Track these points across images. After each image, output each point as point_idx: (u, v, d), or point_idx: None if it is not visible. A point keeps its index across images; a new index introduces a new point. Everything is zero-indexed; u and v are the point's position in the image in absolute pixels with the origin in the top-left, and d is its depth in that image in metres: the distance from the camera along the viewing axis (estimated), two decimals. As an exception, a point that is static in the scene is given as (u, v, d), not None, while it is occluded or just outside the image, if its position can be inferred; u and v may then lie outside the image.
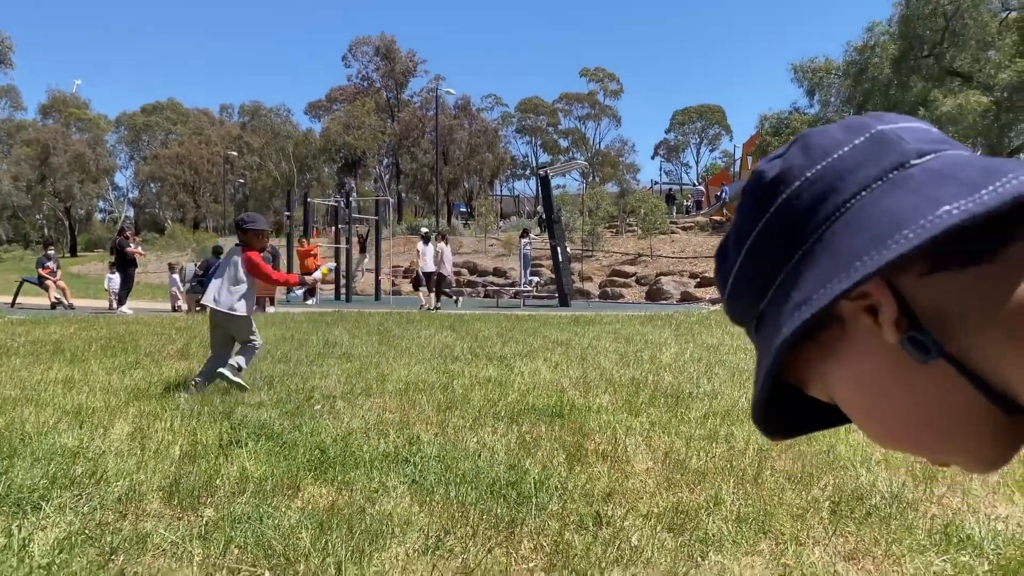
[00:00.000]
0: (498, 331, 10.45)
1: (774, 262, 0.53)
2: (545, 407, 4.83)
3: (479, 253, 29.73)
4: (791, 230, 0.52)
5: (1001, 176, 0.45)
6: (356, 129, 60.48)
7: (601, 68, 74.45)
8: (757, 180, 0.55)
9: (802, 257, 0.51)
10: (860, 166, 0.51)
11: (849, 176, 0.51)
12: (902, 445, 0.54)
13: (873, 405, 0.52)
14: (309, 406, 5.00)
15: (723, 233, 1.49)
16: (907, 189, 0.48)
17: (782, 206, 0.53)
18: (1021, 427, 0.51)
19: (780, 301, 0.52)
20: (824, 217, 0.51)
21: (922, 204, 0.46)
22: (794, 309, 0.49)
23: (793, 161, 0.53)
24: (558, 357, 7.61)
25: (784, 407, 0.62)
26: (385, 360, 7.30)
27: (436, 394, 5.36)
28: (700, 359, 7.36)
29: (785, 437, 0.63)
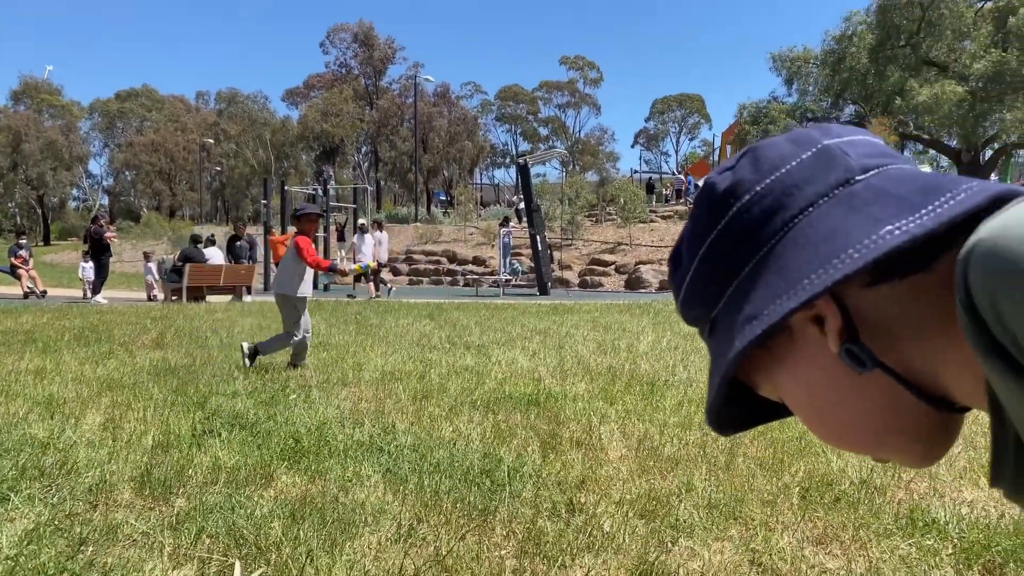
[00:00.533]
0: (476, 320, 10.45)
1: (726, 271, 0.55)
2: (522, 396, 4.84)
3: (459, 242, 29.68)
4: (742, 242, 0.54)
5: (940, 195, 0.47)
6: (334, 116, 60.05)
7: (581, 56, 74.42)
8: (709, 191, 0.56)
9: (753, 269, 0.53)
10: (807, 182, 0.52)
11: (796, 192, 0.52)
12: (846, 445, 0.58)
13: (819, 409, 0.56)
14: (284, 396, 4.98)
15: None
16: (851, 207, 0.50)
17: (733, 218, 0.54)
18: (955, 422, 0.55)
19: (732, 310, 0.54)
20: (773, 231, 0.52)
21: (866, 224, 0.48)
22: (745, 322, 0.52)
23: (743, 175, 0.55)
24: (536, 346, 7.62)
25: (734, 403, 0.64)
26: (362, 349, 7.29)
27: (412, 383, 5.36)
28: (676, 347, 7.40)
29: (736, 431, 0.66)
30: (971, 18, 25.14)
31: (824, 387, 0.54)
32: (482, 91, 75.02)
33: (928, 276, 0.48)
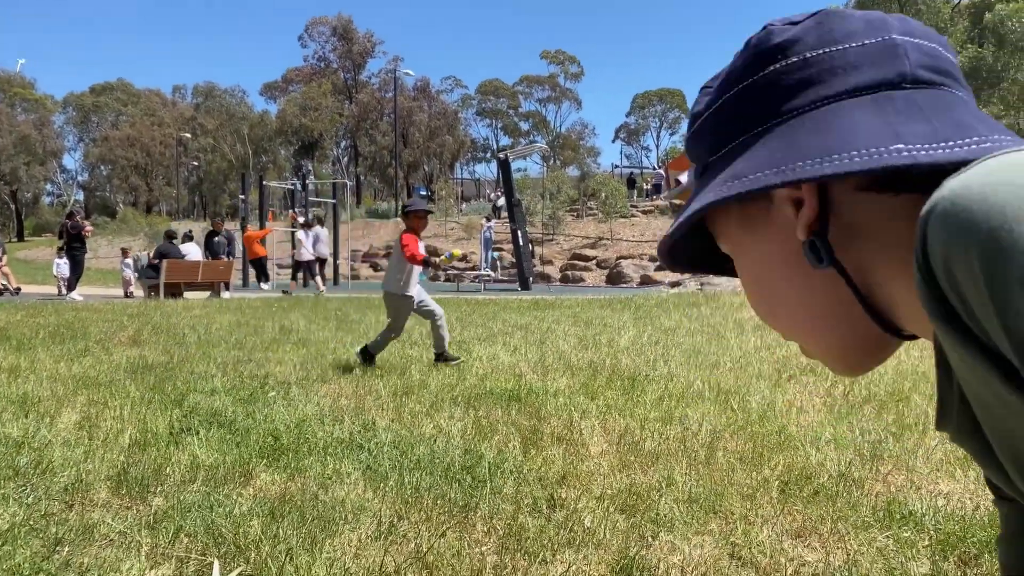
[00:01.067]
0: (458, 315, 10.43)
1: (742, 123, 0.55)
2: (503, 391, 4.84)
3: (440, 237, 29.62)
4: (768, 101, 0.54)
5: (968, 135, 0.47)
6: (313, 111, 59.69)
7: (562, 51, 74.41)
8: (764, 39, 0.56)
9: (765, 131, 0.53)
10: (857, 69, 0.52)
11: (843, 74, 0.52)
12: (778, 325, 0.60)
13: (768, 282, 0.58)
14: (263, 393, 4.94)
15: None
16: (881, 112, 0.49)
17: (771, 75, 0.54)
18: (889, 345, 0.56)
19: (726, 161, 0.55)
20: (801, 104, 0.52)
21: (884, 133, 0.48)
22: (732, 177, 0.52)
23: (802, 35, 0.54)
24: (517, 341, 7.62)
25: (693, 241, 0.66)
26: (342, 346, 7.25)
27: (393, 380, 5.34)
28: (657, 342, 7.42)
29: (678, 267, 0.68)
30: (948, 14, 25.40)
31: (780, 265, 0.56)
32: (463, 85, 74.75)
33: (909, 198, 0.48)
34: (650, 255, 23.34)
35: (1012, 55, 22.38)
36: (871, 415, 4.10)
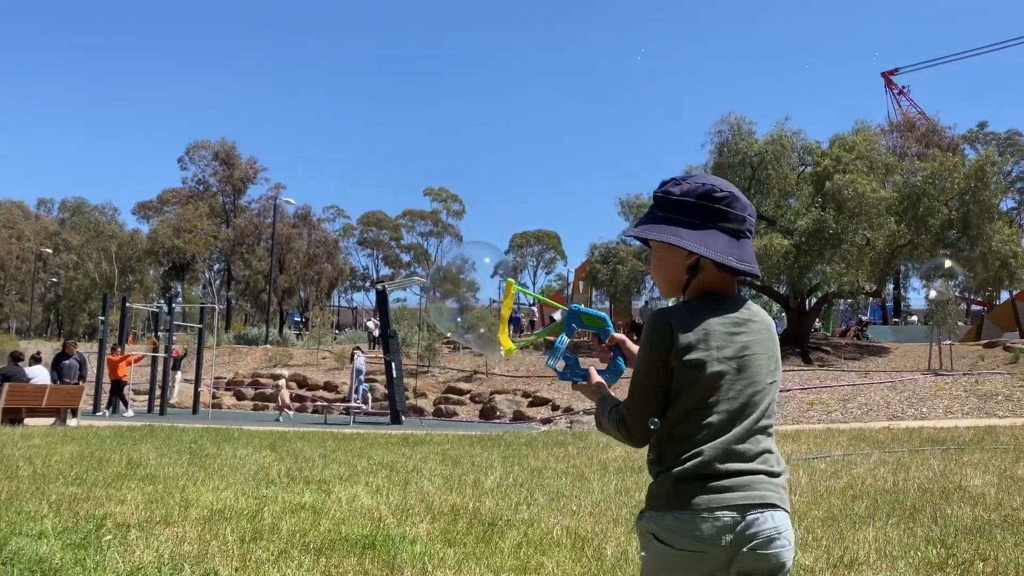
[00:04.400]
0: (322, 451, 10.10)
1: (690, 214, 1.75)
2: (358, 537, 4.68)
3: (310, 366, 28.90)
4: (706, 214, 1.75)
5: (752, 263, 1.79)
6: (187, 232, 58.35)
7: (444, 188, 76.65)
8: (715, 188, 1.77)
9: (700, 224, 1.75)
10: (740, 222, 1.77)
11: (734, 221, 1.77)
12: (661, 285, 1.89)
13: (663, 269, 1.84)
14: (98, 536, 4.59)
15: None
16: (733, 243, 1.76)
17: (713, 206, 1.76)
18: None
19: (674, 224, 1.76)
20: (713, 222, 1.75)
21: (731, 251, 1.74)
22: (678, 235, 1.74)
23: (732, 195, 1.78)
24: (381, 481, 7.44)
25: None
26: (193, 483, 6.86)
27: (242, 523, 5.08)
28: (523, 484, 7.41)
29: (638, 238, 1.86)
30: (794, 180, 27.97)
31: (671, 266, 1.80)
32: (345, 215, 75.29)
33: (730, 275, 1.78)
34: (523, 391, 23.54)
35: (850, 219, 24.75)
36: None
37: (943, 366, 22.18)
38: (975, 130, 58.28)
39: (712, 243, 1.71)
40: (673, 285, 1.82)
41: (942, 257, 25.63)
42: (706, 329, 1.69)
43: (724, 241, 1.73)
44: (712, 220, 1.73)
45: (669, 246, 1.76)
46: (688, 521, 1.62)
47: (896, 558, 4.34)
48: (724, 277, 1.76)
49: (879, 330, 39.58)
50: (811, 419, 15.52)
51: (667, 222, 1.76)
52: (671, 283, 1.82)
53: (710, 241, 1.71)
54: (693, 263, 1.75)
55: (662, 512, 1.67)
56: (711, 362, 1.67)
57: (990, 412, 14.80)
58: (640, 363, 1.73)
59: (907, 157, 35.59)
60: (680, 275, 1.78)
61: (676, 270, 1.78)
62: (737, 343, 1.71)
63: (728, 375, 1.68)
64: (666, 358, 1.67)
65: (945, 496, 6.39)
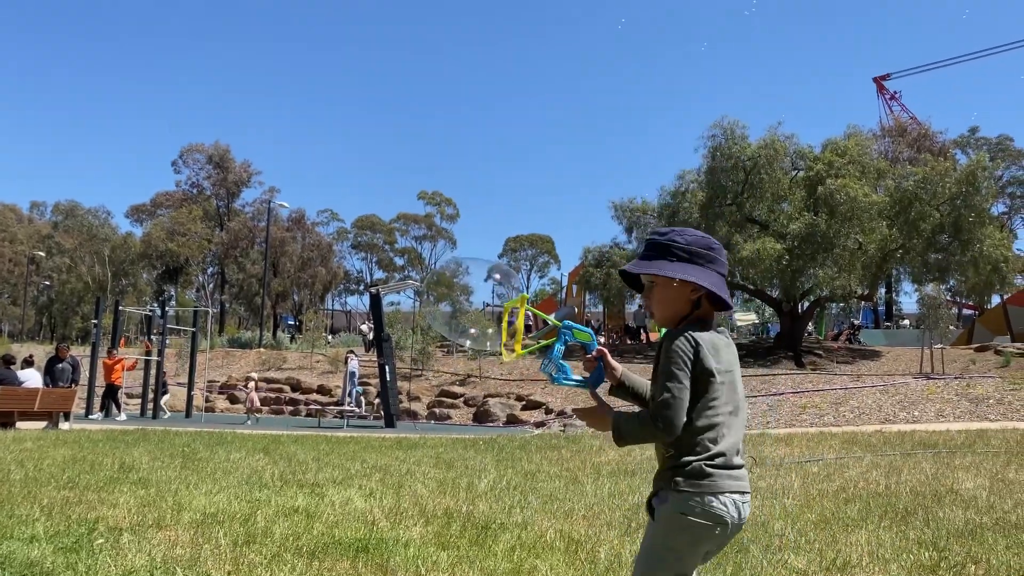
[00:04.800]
0: (315, 455, 10.09)
1: (695, 255, 2.23)
2: (351, 541, 4.68)
3: (304, 369, 28.84)
4: (705, 256, 2.25)
5: (728, 296, 2.26)
6: (181, 236, 58.19)
7: (439, 192, 76.70)
8: (711, 242, 2.29)
9: (703, 264, 2.24)
10: (723, 266, 2.28)
11: (720, 266, 2.28)
12: (657, 316, 2.29)
13: (664, 303, 2.27)
14: (90, 540, 4.58)
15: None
16: (720, 282, 2.24)
17: (711, 252, 2.26)
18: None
19: (678, 261, 2.22)
20: (710, 263, 2.25)
21: (722, 288, 2.22)
22: (686, 272, 2.20)
23: (720, 249, 2.29)
24: (374, 484, 7.43)
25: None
26: (185, 487, 6.84)
27: (235, 526, 5.07)
28: (516, 487, 7.41)
29: (627, 281, 2.38)
30: (787, 184, 28.05)
31: (674, 301, 2.23)
32: (339, 219, 75.23)
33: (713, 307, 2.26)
34: (516, 394, 23.54)
35: (842, 224, 24.84)
36: (711, 567, 4.22)
37: (935, 370, 22.26)
38: (966, 135, 58.57)
39: (714, 283, 2.21)
40: (675, 316, 2.25)
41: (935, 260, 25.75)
42: (715, 346, 2.15)
43: (719, 280, 2.23)
44: (710, 263, 2.24)
45: (677, 282, 2.21)
46: (717, 502, 2.09)
47: (888, 561, 4.36)
48: (712, 309, 2.26)
49: (871, 334, 39.73)
50: (804, 422, 15.56)
51: (672, 262, 2.24)
52: (674, 313, 2.25)
53: (713, 281, 2.21)
54: (697, 298, 2.22)
55: (690, 493, 2.10)
56: (721, 373, 2.13)
57: (981, 415, 14.86)
58: (672, 370, 2.10)
59: (899, 162, 35.73)
60: (685, 307, 2.23)
61: (683, 303, 2.23)
62: (731, 358, 2.20)
63: (729, 384, 2.16)
64: (691, 367, 2.10)
65: (937, 499, 6.42)
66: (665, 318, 2.27)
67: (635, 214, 30.60)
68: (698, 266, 2.21)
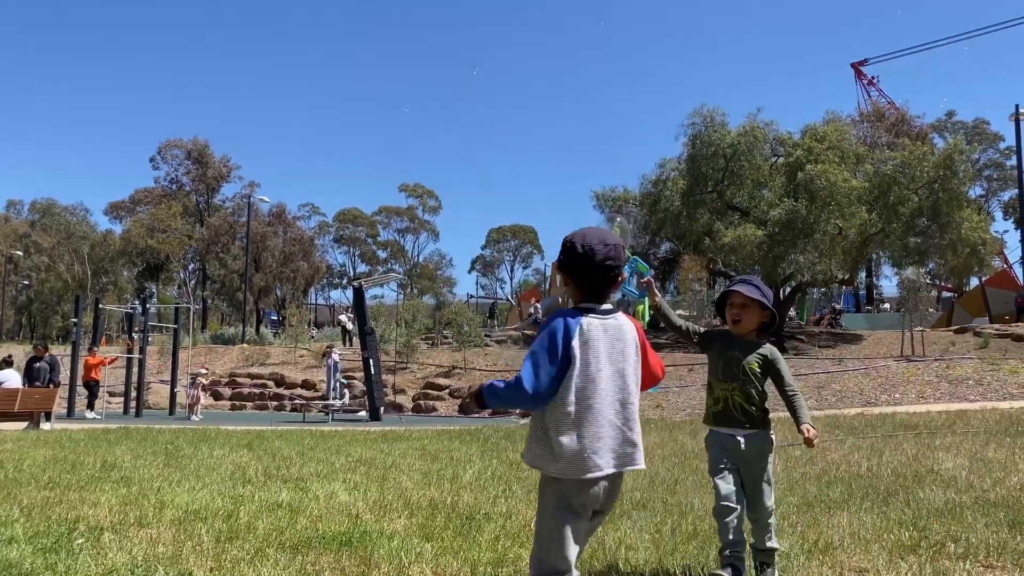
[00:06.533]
0: (299, 450, 10.05)
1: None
2: (335, 535, 4.66)
3: (288, 364, 28.72)
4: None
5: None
6: (161, 232, 57.69)
7: (420, 184, 76.43)
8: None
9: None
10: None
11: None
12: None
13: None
14: (70, 540, 4.53)
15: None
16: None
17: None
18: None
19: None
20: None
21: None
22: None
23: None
24: (359, 477, 7.41)
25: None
26: (168, 484, 6.80)
27: (218, 523, 5.03)
28: (501, 477, 7.42)
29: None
30: (767, 170, 28.17)
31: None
32: (320, 212, 74.82)
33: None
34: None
35: (822, 209, 24.98)
36: (695, 552, 4.25)
37: (915, 352, 22.49)
38: (943, 119, 59.15)
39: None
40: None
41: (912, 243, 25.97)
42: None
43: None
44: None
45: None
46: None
47: (870, 541, 4.40)
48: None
49: (852, 318, 40.05)
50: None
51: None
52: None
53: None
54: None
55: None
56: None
57: (961, 396, 15.03)
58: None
59: (877, 147, 35.97)
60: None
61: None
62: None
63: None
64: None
65: (918, 480, 6.49)
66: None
67: (617, 203, 30.64)
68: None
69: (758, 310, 3.68)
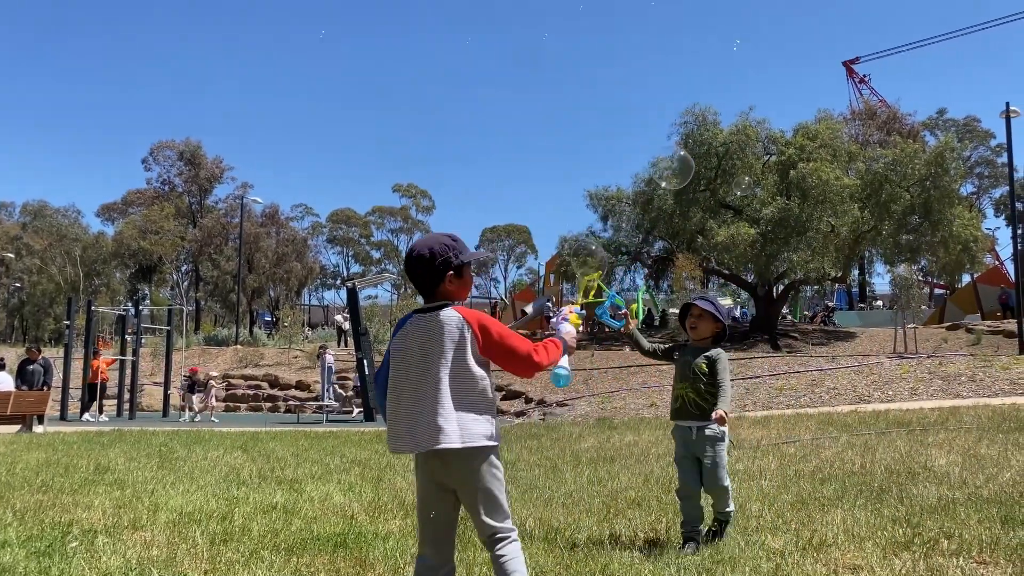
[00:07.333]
0: (294, 451, 10.03)
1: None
2: (330, 536, 4.66)
3: (282, 365, 28.67)
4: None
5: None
6: (153, 234, 57.49)
7: (414, 184, 76.33)
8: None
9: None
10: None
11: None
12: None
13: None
14: (64, 543, 4.52)
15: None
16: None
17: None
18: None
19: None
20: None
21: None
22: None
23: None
24: (353, 478, 7.40)
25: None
26: (162, 487, 6.78)
27: (212, 525, 5.02)
28: (495, 477, 7.40)
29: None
30: (759, 169, 28.24)
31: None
32: (313, 213, 74.68)
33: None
34: (496, 384, 23.54)
35: (814, 207, 25.05)
36: (690, 551, 4.25)
37: (908, 349, 22.57)
38: (934, 117, 59.34)
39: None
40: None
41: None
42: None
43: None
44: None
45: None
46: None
47: (864, 539, 4.41)
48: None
49: (845, 315, 40.19)
50: (780, 404, 15.71)
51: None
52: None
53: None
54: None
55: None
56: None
57: (954, 393, 15.09)
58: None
59: (869, 145, 36.10)
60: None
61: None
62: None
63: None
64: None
65: (911, 476, 6.51)
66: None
67: (610, 202, 30.66)
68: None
69: (711, 321, 4.43)
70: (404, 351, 2.78)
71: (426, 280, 2.83)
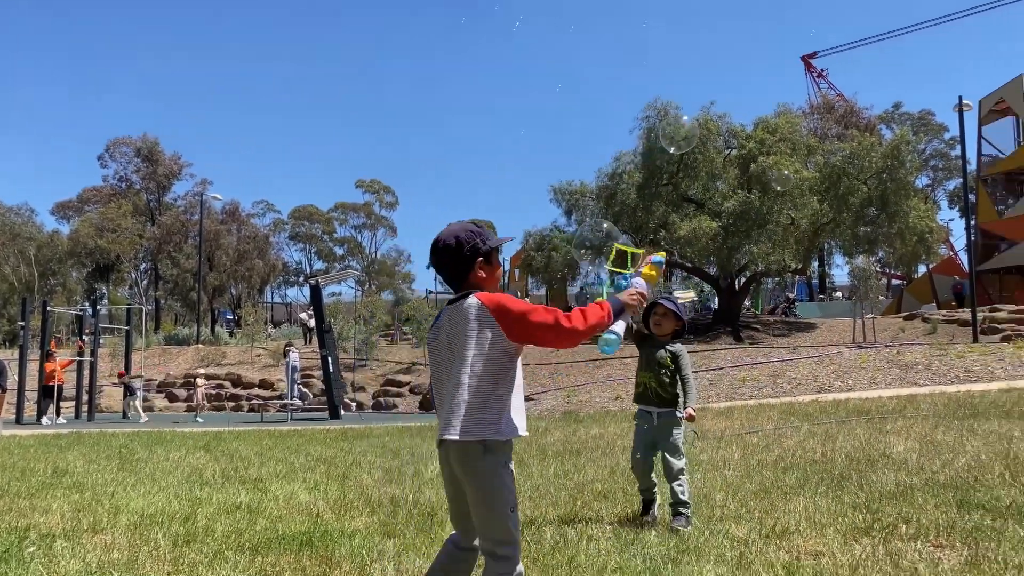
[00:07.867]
0: (258, 450, 9.92)
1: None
2: (295, 535, 4.62)
3: (244, 364, 28.34)
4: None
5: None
6: (111, 232, 56.38)
7: (377, 180, 75.65)
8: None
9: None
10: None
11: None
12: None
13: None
14: (21, 549, 4.42)
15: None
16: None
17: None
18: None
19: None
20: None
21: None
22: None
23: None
24: (319, 476, 7.35)
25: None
26: (123, 489, 6.66)
27: (175, 526, 4.95)
28: (462, 472, 7.40)
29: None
30: (721, 163, 28.54)
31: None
32: (275, 210, 73.64)
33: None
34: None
35: (775, 200, 25.40)
36: (655, 541, 4.29)
37: (866, 339, 23.01)
38: (890, 111, 60.33)
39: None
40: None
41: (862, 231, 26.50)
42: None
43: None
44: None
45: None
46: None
47: (825, 525, 4.49)
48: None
49: (806, 307, 40.78)
50: (743, 395, 15.92)
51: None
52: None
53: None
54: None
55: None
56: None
57: (911, 381, 15.41)
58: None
59: (827, 138, 36.68)
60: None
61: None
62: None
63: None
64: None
65: (870, 463, 6.64)
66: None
67: (574, 197, 30.77)
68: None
69: (673, 319, 4.93)
70: (436, 343, 2.78)
71: (455, 270, 2.76)
